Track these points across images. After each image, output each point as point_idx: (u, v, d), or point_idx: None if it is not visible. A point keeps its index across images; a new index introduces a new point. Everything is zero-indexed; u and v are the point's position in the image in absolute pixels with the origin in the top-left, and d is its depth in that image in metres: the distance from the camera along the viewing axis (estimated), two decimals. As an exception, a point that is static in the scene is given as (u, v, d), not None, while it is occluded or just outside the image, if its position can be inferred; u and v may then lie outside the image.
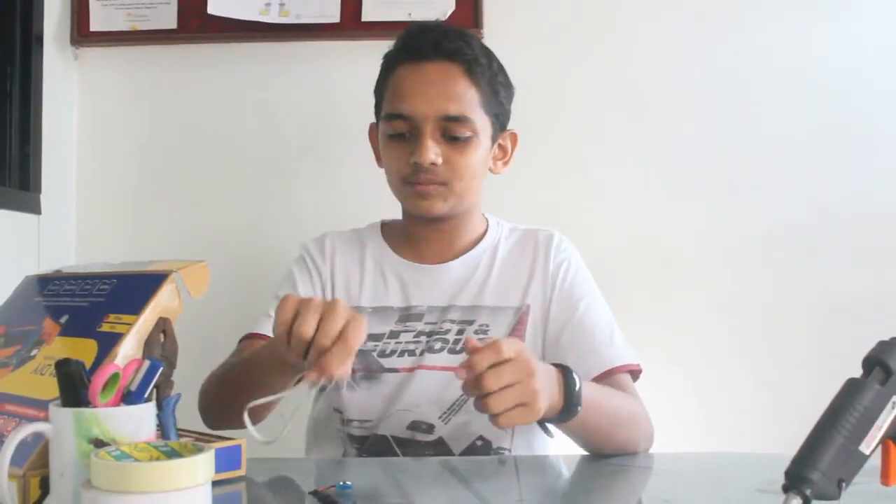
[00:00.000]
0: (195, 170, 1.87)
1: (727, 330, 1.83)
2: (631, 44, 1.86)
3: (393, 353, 1.37)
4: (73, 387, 0.82)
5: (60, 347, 1.02)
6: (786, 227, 1.84)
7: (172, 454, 0.76)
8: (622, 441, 1.22)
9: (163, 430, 0.92)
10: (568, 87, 1.85)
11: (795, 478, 0.75)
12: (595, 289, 1.43)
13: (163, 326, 0.96)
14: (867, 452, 0.76)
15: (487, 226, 1.48)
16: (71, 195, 1.88)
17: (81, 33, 1.85)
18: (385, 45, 1.41)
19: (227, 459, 1.00)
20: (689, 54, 1.85)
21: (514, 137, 1.44)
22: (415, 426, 1.33)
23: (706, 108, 1.84)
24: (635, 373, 1.36)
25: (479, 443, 1.33)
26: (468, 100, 1.32)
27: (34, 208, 1.73)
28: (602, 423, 1.18)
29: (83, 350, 0.98)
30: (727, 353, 1.83)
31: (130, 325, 0.97)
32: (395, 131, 1.35)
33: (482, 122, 1.34)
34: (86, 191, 1.89)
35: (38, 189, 1.74)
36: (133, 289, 1.04)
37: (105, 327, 1.00)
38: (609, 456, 1.20)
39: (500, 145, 1.42)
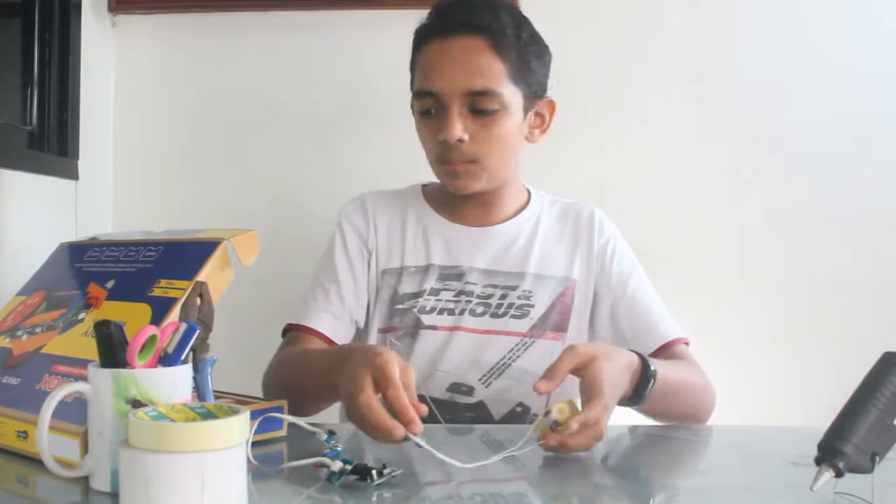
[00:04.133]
0: (231, 137, 1.88)
1: (761, 306, 1.82)
2: (670, 16, 1.82)
3: (433, 310, 1.38)
4: (112, 348, 0.84)
5: (112, 311, 1.04)
6: (821, 202, 1.81)
7: (208, 415, 0.78)
8: (687, 411, 1.26)
9: (199, 391, 0.93)
10: (607, 58, 1.82)
11: (828, 450, 0.75)
12: (638, 264, 1.46)
13: (200, 290, 0.98)
14: (902, 427, 0.75)
15: (529, 196, 1.49)
16: (108, 161, 1.90)
17: (119, 0, 1.86)
18: (420, 14, 1.40)
19: (268, 421, 1.01)
20: (728, 29, 1.82)
21: (551, 105, 1.42)
22: (455, 388, 1.35)
23: (743, 83, 1.81)
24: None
25: (518, 409, 1.35)
26: (494, 73, 1.31)
27: (72, 174, 1.75)
28: (670, 399, 1.20)
29: (137, 314, 1.00)
30: (760, 330, 1.81)
31: (184, 290, 0.99)
32: (424, 108, 1.35)
33: (511, 95, 1.33)
34: (123, 157, 1.90)
35: (75, 155, 1.76)
36: (183, 256, 1.06)
37: (157, 292, 1.02)
38: (656, 426, 1.21)
39: (537, 114, 1.40)
